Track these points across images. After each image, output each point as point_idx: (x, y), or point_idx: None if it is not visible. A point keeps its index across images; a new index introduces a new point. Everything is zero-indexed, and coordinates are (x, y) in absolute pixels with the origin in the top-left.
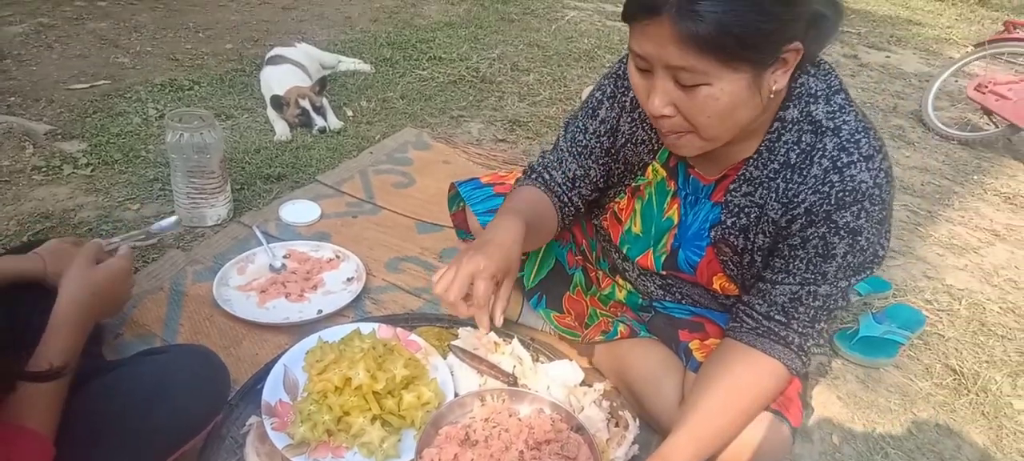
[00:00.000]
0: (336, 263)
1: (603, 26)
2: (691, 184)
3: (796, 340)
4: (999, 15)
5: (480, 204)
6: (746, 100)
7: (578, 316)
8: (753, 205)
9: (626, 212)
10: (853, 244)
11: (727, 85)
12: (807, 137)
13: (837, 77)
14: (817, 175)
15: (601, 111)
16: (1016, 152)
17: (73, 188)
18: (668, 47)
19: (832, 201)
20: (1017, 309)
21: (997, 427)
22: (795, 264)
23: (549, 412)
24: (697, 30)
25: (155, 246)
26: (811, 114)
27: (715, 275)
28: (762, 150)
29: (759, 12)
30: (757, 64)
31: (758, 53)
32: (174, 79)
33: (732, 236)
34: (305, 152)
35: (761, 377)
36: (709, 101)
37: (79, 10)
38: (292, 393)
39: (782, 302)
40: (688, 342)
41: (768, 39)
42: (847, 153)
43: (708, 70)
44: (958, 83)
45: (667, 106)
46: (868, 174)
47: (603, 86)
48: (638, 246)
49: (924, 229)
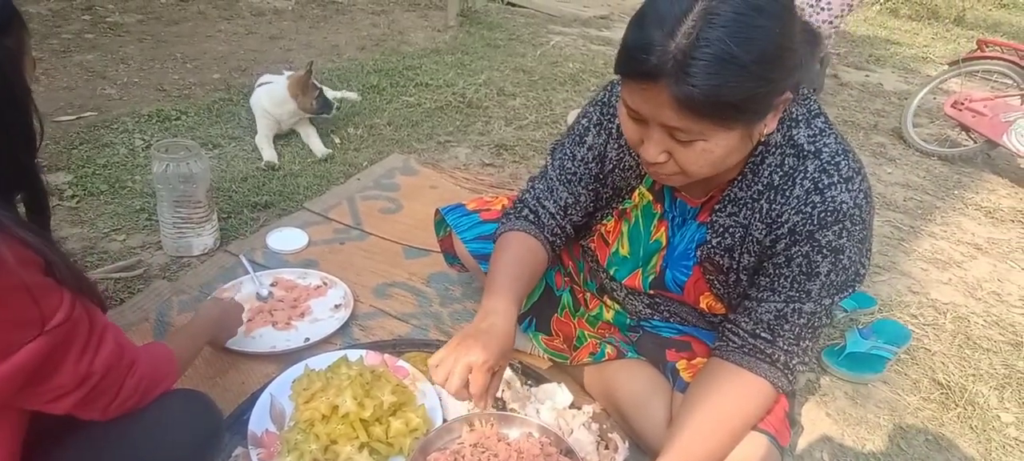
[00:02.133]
0: (323, 290)
1: (587, 50)
2: (678, 207)
3: (782, 358)
4: (974, 33)
5: (468, 232)
6: (738, 147)
7: (566, 338)
8: (738, 225)
9: (613, 234)
10: (836, 262)
11: (722, 140)
12: (789, 160)
13: (816, 101)
14: (799, 196)
15: (588, 138)
16: (995, 166)
17: (58, 220)
18: (664, 110)
19: (814, 221)
20: (1001, 322)
21: (986, 440)
22: (780, 282)
23: (538, 436)
24: (693, 98)
25: (141, 277)
26: (793, 138)
27: (702, 294)
28: (746, 172)
29: (753, 79)
30: (751, 119)
31: (752, 114)
32: (161, 110)
33: (718, 255)
34: (292, 180)
35: (748, 395)
36: (704, 154)
37: (66, 43)
38: (279, 423)
39: (768, 320)
40: (675, 362)
41: (762, 101)
42: (828, 175)
43: (703, 130)
44: (936, 100)
45: (661, 154)
46: (849, 195)
47: (589, 113)
48: (625, 267)
49: (908, 244)
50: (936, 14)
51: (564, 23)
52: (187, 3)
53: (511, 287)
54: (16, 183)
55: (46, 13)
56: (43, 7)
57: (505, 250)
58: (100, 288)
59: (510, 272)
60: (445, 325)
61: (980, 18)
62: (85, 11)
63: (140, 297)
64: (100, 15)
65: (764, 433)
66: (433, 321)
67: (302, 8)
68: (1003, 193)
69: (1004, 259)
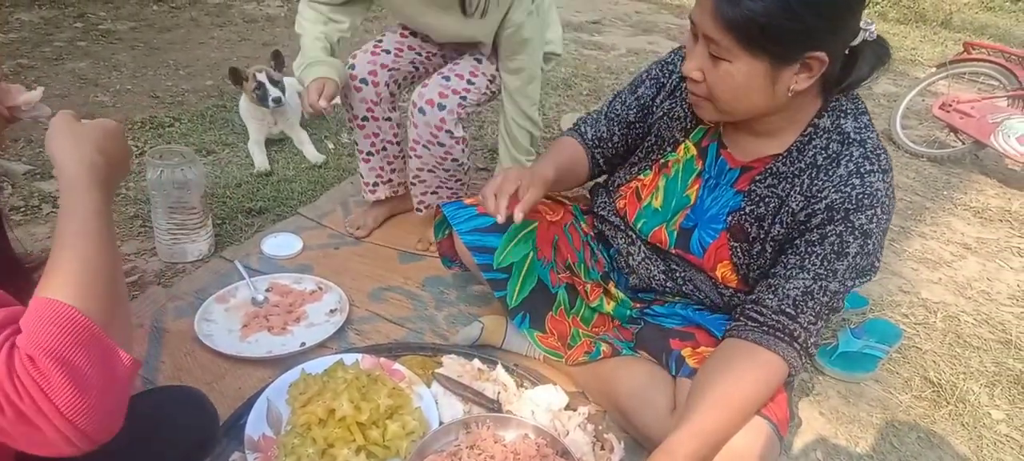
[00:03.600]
0: (319, 295)
1: (580, 55)
2: (718, 165)
3: (801, 335)
4: (961, 36)
5: (464, 224)
6: (761, 87)
7: (561, 336)
8: (775, 196)
9: (649, 188)
10: (863, 246)
11: (745, 67)
12: (834, 145)
13: (864, 103)
14: (842, 176)
15: (640, 89)
16: (983, 167)
17: (51, 227)
18: (707, 19)
19: (852, 201)
20: (991, 320)
21: (977, 438)
22: (810, 260)
23: (534, 437)
24: (730, 12)
25: (135, 284)
26: (841, 126)
27: (721, 262)
28: (792, 150)
29: (786, 11)
30: (777, 57)
31: (778, 47)
32: (154, 116)
33: (748, 223)
34: (287, 185)
35: (764, 373)
36: (727, 76)
37: (58, 50)
38: (276, 427)
39: (794, 296)
40: (680, 350)
41: (789, 37)
42: (870, 162)
43: (731, 48)
44: (924, 102)
45: (696, 70)
46: (884, 184)
47: (651, 69)
48: (655, 220)
49: (898, 244)
50: (923, 17)
51: None
52: (180, 10)
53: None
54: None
55: (38, 21)
56: (35, 14)
57: (554, 145)
58: None
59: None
60: (440, 328)
61: (967, 21)
62: (77, 18)
63: (135, 304)
64: (92, 22)
65: (768, 421)
66: (428, 324)
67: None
68: (991, 193)
69: (993, 258)
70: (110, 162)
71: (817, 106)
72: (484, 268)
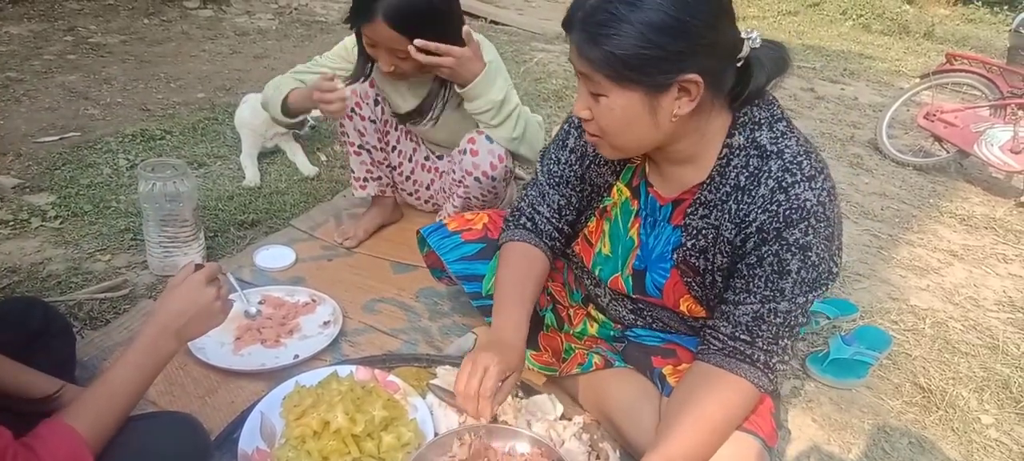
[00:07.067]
0: (312, 307)
1: (570, 67)
2: (649, 203)
3: (762, 358)
4: (943, 47)
5: (450, 253)
6: (641, 115)
7: (554, 352)
8: (709, 226)
9: (595, 234)
10: (805, 260)
11: (621, 100)
12: (754, 161)
13: (779, 106)
14: (765, 195)
15: (569, 141)
16: (967, 175)
17: (41, 241)
18: (576, 58)
19: (780, 219)
20: (979, 326)
21: (967, 442)
22: (754, 283)
23: (529, 448)
24: (589, 49)
25: (126, 297)
26: (756, 140)
27: (682, 297)
28: (714, 175)
29: (642, 41)
30: (649, 87)
31: (645, 76)
32: (145, 129)
33: (693, 257)
34: (279, 198)
35: (730, 396)
36: (607, 111)
37: (48, 64)
38: (269, 441)
39: (746, 322)
40: (661, 368)
41: (653, 65)
42: (791, 173)
43: (603, 83)
44: (909, 112)
45: (584, 109)
46: (812, 193)
47: (571, 118)
48: (609, 267)
49: (886, 252)
50: (907, 29)
51: (547, 40)
52: (171, 23)
53: (518, 300)
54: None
55: (27, 34)
56: (25, 28)
57: (507, 263)
58: (85, 309)
59: (515, 284)
60: (434, 339)
61: (949, 32)
62: (67, 32)
63: (126, 317)
64: (82, 36)
65: (754, 436)
66: (422, 336)
67: (286, 27)
68: (976, 201)
69: (979, 265)
70: (191, 333)
71: (726, 122)
72: (474, 296)
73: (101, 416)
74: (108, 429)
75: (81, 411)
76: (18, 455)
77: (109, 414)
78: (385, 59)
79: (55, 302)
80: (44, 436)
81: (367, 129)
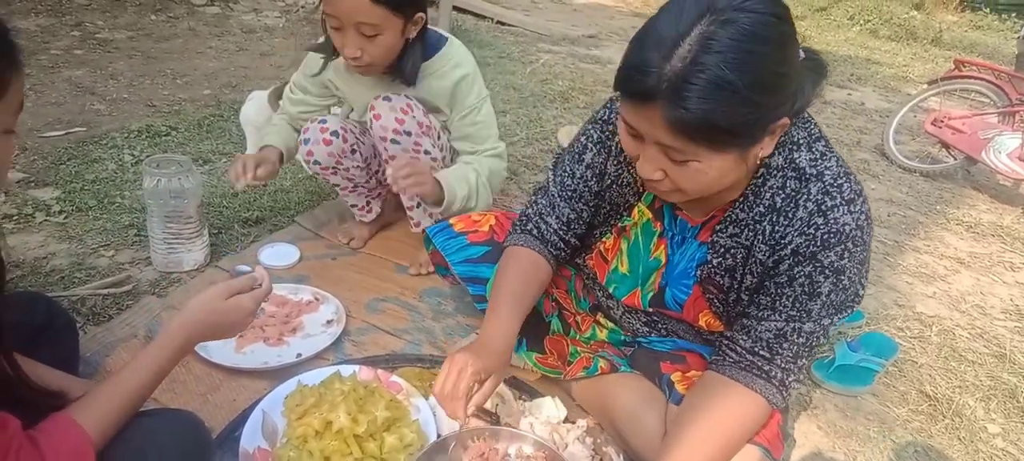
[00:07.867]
0: (315, 305)
1: (577, 68)
2: (678, 225)
3: (779, 375)
4: (951, 53)
5: (456, 255)
6: (733, 169)
7: (560, 355)
8: (739, 246)
9: (612, 251)
10: (837, 283)
11: (716, 163)
12: (792, 183)
13: (816, 125)
14: (803, 218)
15: (586, 156)
16: (975, 182)
17: (45, 235)
18: (658, 130)
19: (818, 242)
20: (985, 334)
21: (974, 452)
22: (782, 301)
23: (532, 450)
24: (685, 121)
25: (130, 293)
26: (795, 161)
27: (701, 312)
28: (748, 194)
29: (746, 105)
30: (746, 144)
31: (745, 138)
32: (151, 125)
33: (719, 275)
34: (283, 195)
35: (743, 410)
36: (698, 174)
37: (54, 59)
38: (271, 440)
39: (767, 338)
40: (670, 374)
41: (755, 126)
42: (831, 197)
43: (697, 152)
44: (916, 118)
45: (656, 172)
46: (851, 217)
47: (589, 131)
48: (625, 285)
49: (893, 259)
50: (914, 35)
51: (553, 41)
52: (177, 20)
53: (512, 304)
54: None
55: (35, 29)
56: (32, 22)
57: (508, 266)
58: (89, 304)
59: (512, 289)
60: (438, 340)
61: (957, 39)
62: (74, 27)
63: (129, 313)
64: (89, 31)
65: (757, 446)
66: (426, 336)
67: (293, 25)
68: (983, 208)
69: (986, 273)
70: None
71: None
72: (478, 299)
73: (109, 414)
74: (114, 427)
75: (91, 407)
76: (23, 448)
77: (119, 412)
78: (352, 42)
79: (58, 297)
80: (49, 431)
81: (355, 175)
